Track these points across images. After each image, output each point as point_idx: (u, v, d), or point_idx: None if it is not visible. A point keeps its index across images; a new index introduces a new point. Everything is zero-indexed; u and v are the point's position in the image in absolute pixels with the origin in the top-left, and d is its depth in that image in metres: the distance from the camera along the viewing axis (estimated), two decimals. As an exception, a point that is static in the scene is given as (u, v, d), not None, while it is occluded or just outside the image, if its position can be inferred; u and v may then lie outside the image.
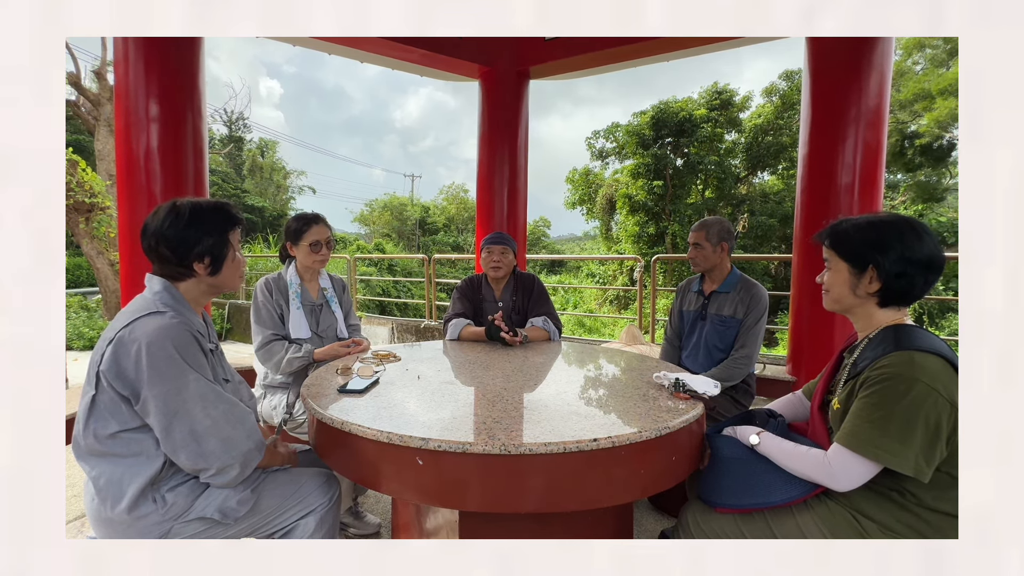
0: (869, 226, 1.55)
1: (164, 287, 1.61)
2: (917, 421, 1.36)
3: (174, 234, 1.58)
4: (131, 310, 1.56)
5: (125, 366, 1.47)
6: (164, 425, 1.48)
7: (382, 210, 33.63)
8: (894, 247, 1.49)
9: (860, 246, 1.55)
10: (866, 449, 1.41)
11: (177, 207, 1.62)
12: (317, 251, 2.72)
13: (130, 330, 1.49)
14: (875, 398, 1.42)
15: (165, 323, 1.51)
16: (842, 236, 1.59)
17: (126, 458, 1.52)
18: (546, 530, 1.77)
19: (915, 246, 1.48)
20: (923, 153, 18.51)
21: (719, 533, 1.65)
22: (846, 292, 1.60)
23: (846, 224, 1.60)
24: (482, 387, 2.04)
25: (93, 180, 9.70)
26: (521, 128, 5.52)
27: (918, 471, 1.36)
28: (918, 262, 1.49)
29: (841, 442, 1.46)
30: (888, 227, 1.52)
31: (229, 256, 1.68)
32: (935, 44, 17.92)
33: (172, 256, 1.60)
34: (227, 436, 1.54)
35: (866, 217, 1.59)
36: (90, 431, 1.52)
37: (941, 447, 1.37)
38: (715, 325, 2.84)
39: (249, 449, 1.60)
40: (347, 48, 4.75)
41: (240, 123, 32.32)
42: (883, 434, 1.39)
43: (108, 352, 1.48)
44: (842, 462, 1.45)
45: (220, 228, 1.65)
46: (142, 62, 3.63)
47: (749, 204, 18.47)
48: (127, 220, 3.75)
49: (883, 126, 3.70)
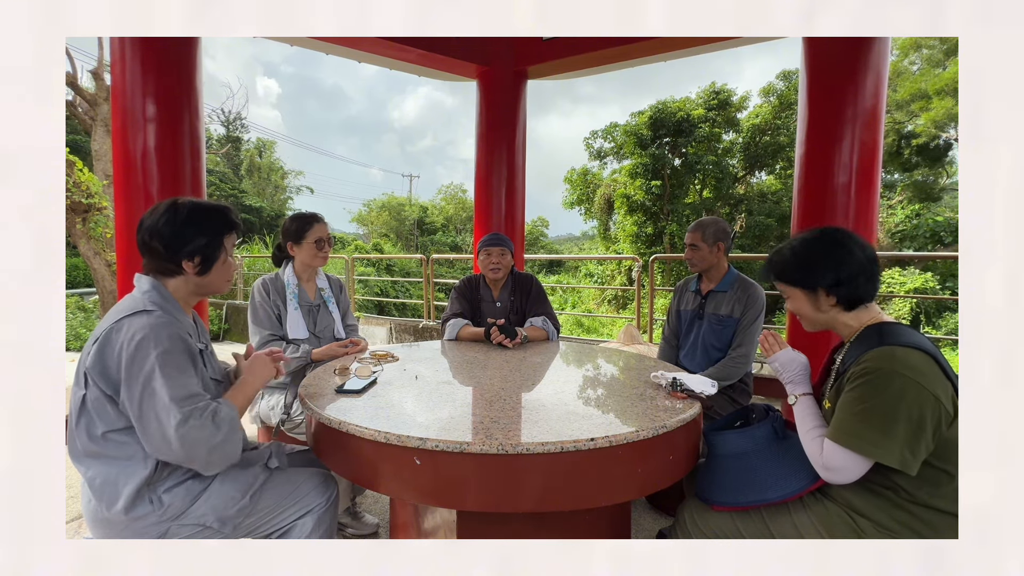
0: (796, 254, 1.65)
1: (152, 286, 1.61)
2: (899, 413, 1.38)
3: (169, 230, 1.58)
4: (119, 309, 1.56)
5: (109, 364, 1.47)
6: (143, 428, 1.45)
7: (380, 210, 33.56)
8: (828, 266, 1.58)
9: (798, 272, 1.64)
10: (850, 441, 1.44)
11: (177, 205, 1.62)
12: (321, 248, 2.74)
13: (116, 328, 1.49)
14: (857, 392, 1.46)
15: (151, 322, 1.50)
16: (780, 269, 1.68)
17: (119, 460, 1.51)
18: (543, 529, 1.78)
19: (843, 260, 1.57)
20: (919, 153, 18.58)
21: (716, 532, 1.66)
22: (812, 312, 1.66)
23: (778, 257, 1.70)
24: (480, 387, 2.04)
25: (90, 180, 9.66)
26: (519, 128, 5.51)
27: (904, 463, 1.38)
28: (853, 271, 1.56)
29: (830, 437, 1.49)
30: (814, 249, 1.62)
31: (220, 259, 1.68)
32: (931, 44, 17.99)
33: (163, 251, 1.60)
34: (196, 436, 1.44)
35: (792, 243, 1.69)
36: (82, 430, 1.51)
37: (927, 440, 1.38)
38: (712, 324, 2.84)
39: (225, 446, 1.50)
40: (345, 48, 4.73)
41: (238, 123, 32.27)
42: (867, 427, 1.42)
43: (93, 351, 1.48)
44: (831, 456, 1.48)
45: (216, 230, 1.65)
46: (139, 62, 3.60)
47: (747, 204, 18.48)
48: (124, 220, 3.73)
49: (879, 126, 3.71)
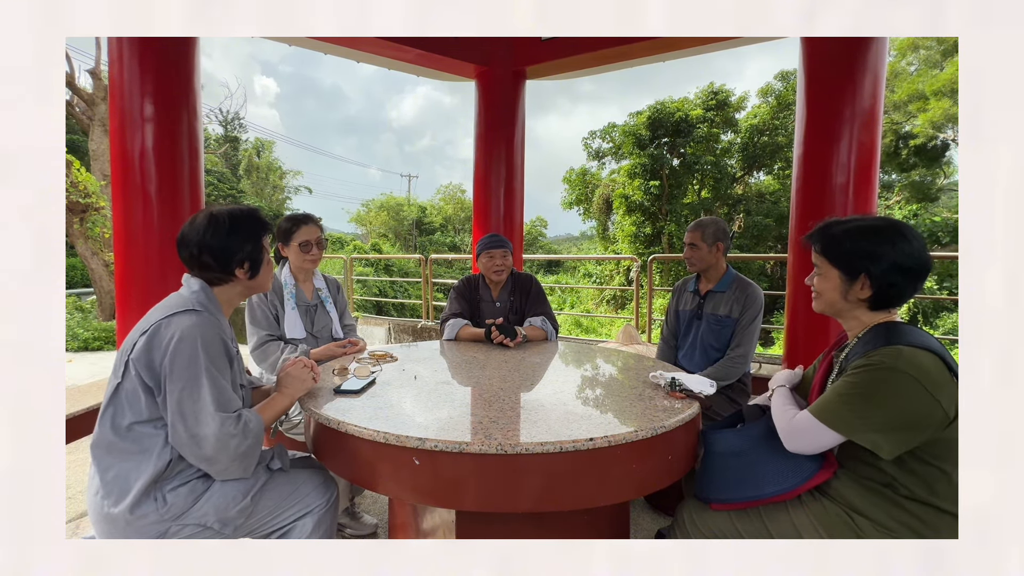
0: (860, 233, 1.54)
1: (202, 287, 1.68)
2: (885, 403, 1.38)
3: (217, 243, 1.65)
4: (168, 305, 1.62)
5: (155, 357, 1.52)
6: (172, 421, 1.52)
7: (379, 210, 33.51)
8: (887, 256, 1.49)
9: (852, 254, 1.54)
10: (825, 416, 1.46)
11: (215, 216, 1.68)
12: (307, 251, 2.70)
13: (167, 323, 1.55)
14: (852, 378, 1.46)
15: (200, 322, 1.56)
16: (833, 242, 1.58)
17: (135, 454, 1.55)
18: (542, 529, 1.78)
19: (907, 254, 1.48)
20: (917, 153, 18.60)
21: (715, 531, 1.66)
22: (837, 297, 1.59)
23: (836, 229, 1.59)
24: (479, 387, 2.04)
25: (88, 180, 9.65)
26: (518, 128, 5.52)
27: (875, 445, 1.40)
28: (909, 270, 1.49)
29: (810, 410, 1.51)
30: (879, 235, 1.52)
31: (264, 260, 1.77)
32: (928, 45, 18.02)
33: (215, 264, 1.67)
34: (227, 443, 1.54)
35: (856, 222, 1.57)
36: (107, 421, 1.56)
37: (911, 437, 1.38)
38: (711, 324, 2.85)
39: (246, 458, 1.61)
40: (343, 48, 4.73)
41: (236, 123, 32.23)
42: (848, 408, 1.43)
43: (141, 342, 1.54)
44: (801, 423, 1.51)
45: (256, 234, 1.73)
46: (137, 61, 3.59)
47: (745, 204, 18.50)
48: (122, 220, 3.71)
49: (877, 126, 3.72)
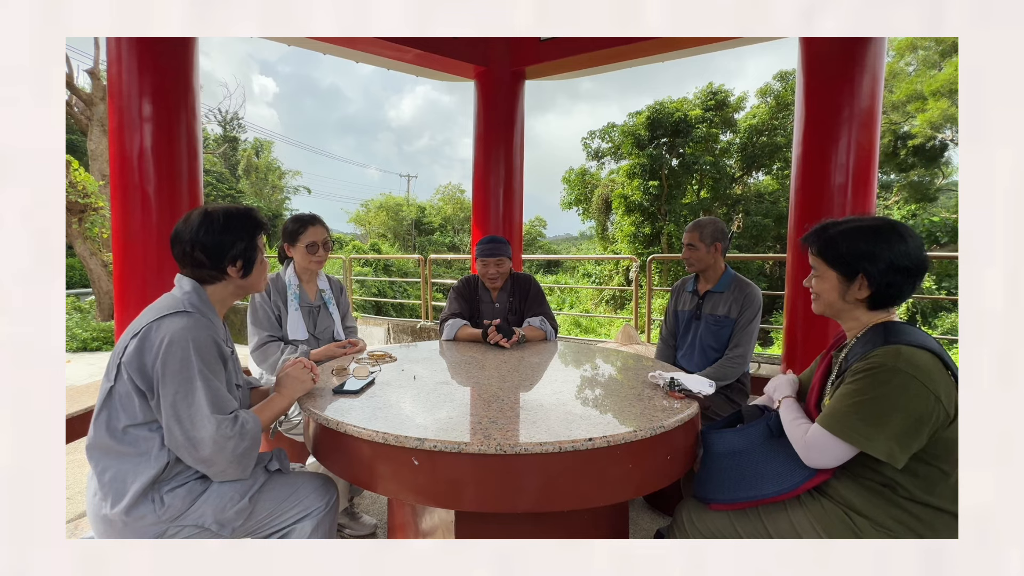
0: (856, 234, 1.55)
1: (194, 288, 1.65)
2: (895, 408, 1.38)
3: (210, 239, 1.64)
4: (159, 307, 1.60)
5: (147, 360, 1.51)
6: (168, 425, 1.51)
7: (378, 210, 33.44)
8: (883, 255, 1.50)
9: (849, 255, 1.55)
10: (839, 429, 1.44)
11: (210, 213, 1.66)
12: (314, 252, 2.70)
13: (157, 326, 1.53)
14: (857, 384, 1.45)
15: (191, 324, 1.54)
16: (830, 244, 1.59)
17: (132, 456, 1.54)
18: (541, 529, 1.77)
19: (903, 253, 1.49)
20: (915, 153, 18.62)
21: (714, 531, 1.66)
22: (835, 298, 1.60)
23: (833, 230, 1.60)
24: (478, 387, 2.04)
25: (86, 180, 9.65)
26: (517, 128, 5.52)
27: (890, 455, 1.38)
28: (906, 269, 1.50)
29: (820, 422, 1.50)
30: (876, 235, 1.52)
31: (258, 259, 1.75)
32: (927, 45, 18.03)
33: (207, 261, 1.65)
34: (224, 445, 1.53)
35: (852, 223, 1.58)
36: (102, 423, 1.54)
37: (921, 438, 1.38)
38: (709, 324, 2.85)
39: (244, 459, 1.60)
40: (343, 48, 4.73)
41: (235, 123, 32.17)
42: (858, 417, 1.42)
43: (132, 345, 1.52)
44: (816, 440, 1.49)
45: (250, 232, 1.71)
46: (135, 61, 3.58)
47: (744, 204, 18.52)
48: (120, 221, 3.71)
49: (876, 127, 3.72)
